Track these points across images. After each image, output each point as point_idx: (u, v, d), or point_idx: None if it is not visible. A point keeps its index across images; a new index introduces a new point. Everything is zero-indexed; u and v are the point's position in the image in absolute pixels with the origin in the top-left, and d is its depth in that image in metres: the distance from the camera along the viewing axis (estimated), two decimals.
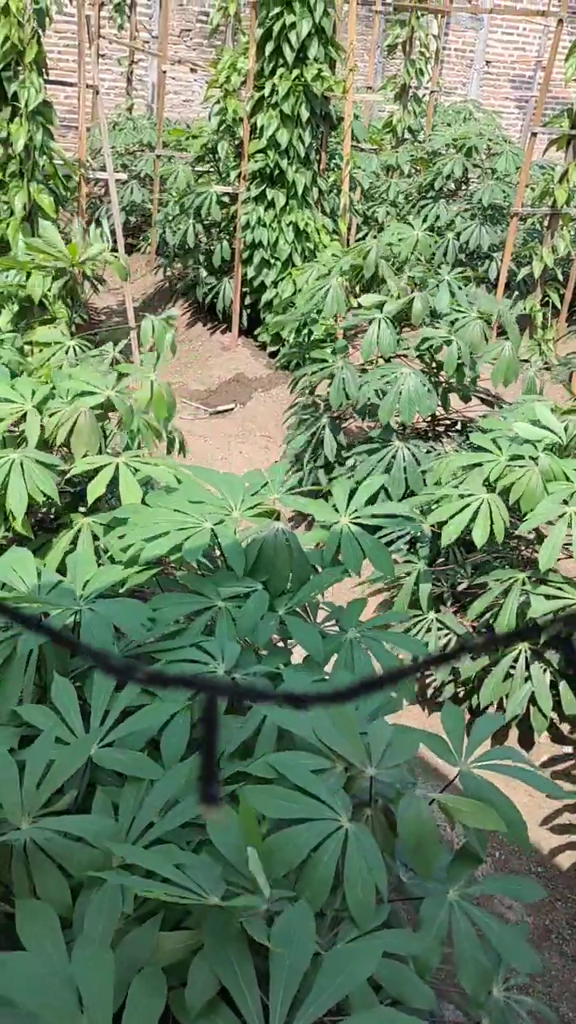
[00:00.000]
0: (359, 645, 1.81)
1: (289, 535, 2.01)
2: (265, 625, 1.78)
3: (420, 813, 1.44)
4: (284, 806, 1.31)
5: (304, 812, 1.32)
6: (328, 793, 1.35)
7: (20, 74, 4.47)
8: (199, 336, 7.08)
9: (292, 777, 1.31)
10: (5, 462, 2.19)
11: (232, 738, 1.48)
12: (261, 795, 1.31)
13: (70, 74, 11.20)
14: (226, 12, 7.41)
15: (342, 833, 1.33)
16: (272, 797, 1.30)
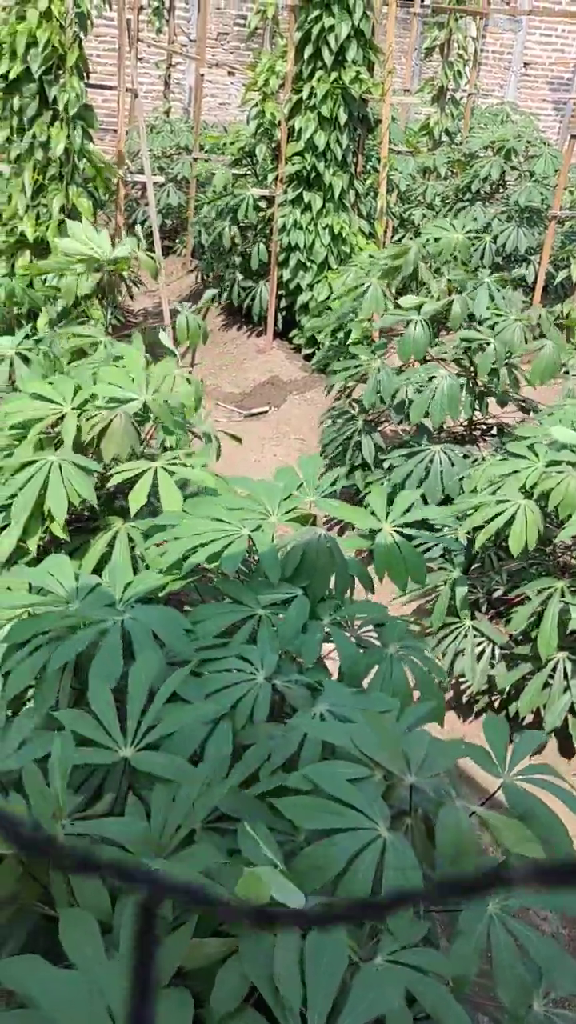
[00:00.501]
0: (399, 662, 1.80)
1: (331, 540, 2.00)
2: (311, 639, 1.76)
3: (460, 824, 1.42)
4: (320, 817, 1.30)
5: (341, 822, 1.31)
6: (366, 802, 1.33)
7: (61, 78, 4.51)
8: (234, 339, 7.09)
9: (328, 787, 1.30)
10: (44, 464, 2.20)
11: (274, 751, 1.46)
12: (296, 806, 1.30)
13: (108, 77, 11.29)
14: (264, 15, 7.42)
15: (380, 843, 1.31)
16: (308, 808, 1.29)
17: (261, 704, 1.57)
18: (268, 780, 1.42)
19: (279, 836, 1.42)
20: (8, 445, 2.28)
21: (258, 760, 1.43)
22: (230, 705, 1.56)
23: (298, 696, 1.61)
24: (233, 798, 1.42)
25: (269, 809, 1.44)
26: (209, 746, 1.51)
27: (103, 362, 2.73)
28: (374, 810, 1.30)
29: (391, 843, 1.31)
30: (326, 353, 5.23)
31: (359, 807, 1.28)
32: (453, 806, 1.46)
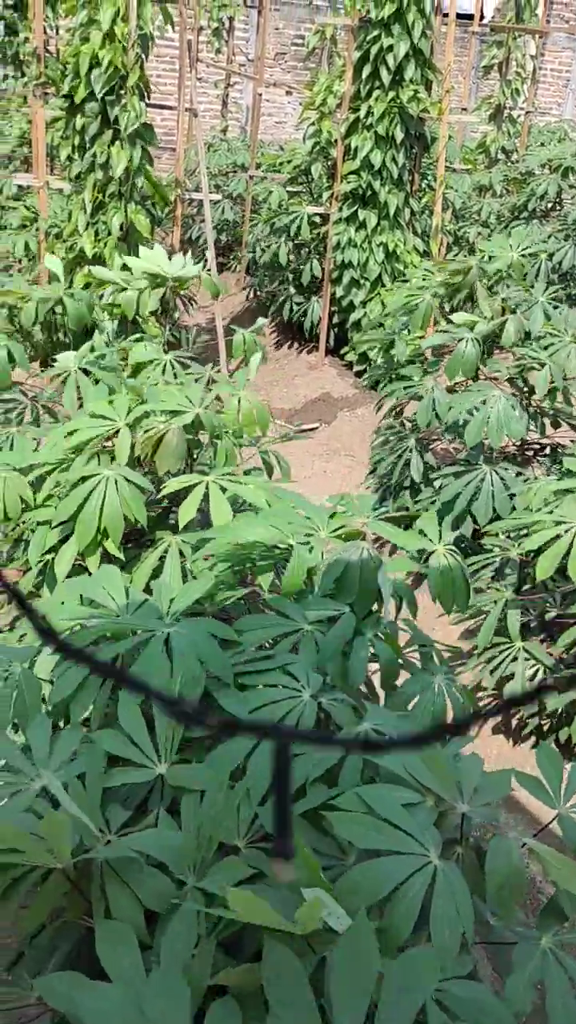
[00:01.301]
0: (443, 692, 1.77)
1: (375, 557, 1.98)
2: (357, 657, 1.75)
3: (510, 856, 1.39)
4: (373, 837, 1.28)
5: (393, 844, 1.29)
6: (418, 828, 1.31)
7: (122, 98, 4.59)
8: (285, 355, 7.12)
9: (381, 810, 1.28)
10: (100, 479, 2.22)
11: (317, 763, 1.45)
12: (350, 823, 1.29)
13: (167, 97, 11.48)
14: (323, 36, 7.48)
15: (431, 869, 1.29)
16: (361, 827, 1.27)
17: (306, 721, 1.56)
18: (314, 797, 1.41)
19: (324, 858, 1.40)
20: (65, 459, 2.31)
21: (302, 777, 1.41)
22: (274, 722, 1.55)
23: (343, 714, 1.59)
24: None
25: (314, 828, 1.43)
26: (251, 762, 1.51)
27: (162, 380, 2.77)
28: (426, 836, 1.28)
29: (442, 870, 1.28)
30: (377, 370, 5.22)
31: (411, 832, 1.26)
32: (505, 837, 1.43)
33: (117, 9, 4.42)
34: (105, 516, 2.20)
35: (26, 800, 1.42)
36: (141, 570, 2.29)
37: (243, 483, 2.32)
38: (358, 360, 6.53)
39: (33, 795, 1.43)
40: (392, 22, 5.72)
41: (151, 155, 4.83)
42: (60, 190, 5.54)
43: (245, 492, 2.27)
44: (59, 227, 5.62)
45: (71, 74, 4.58)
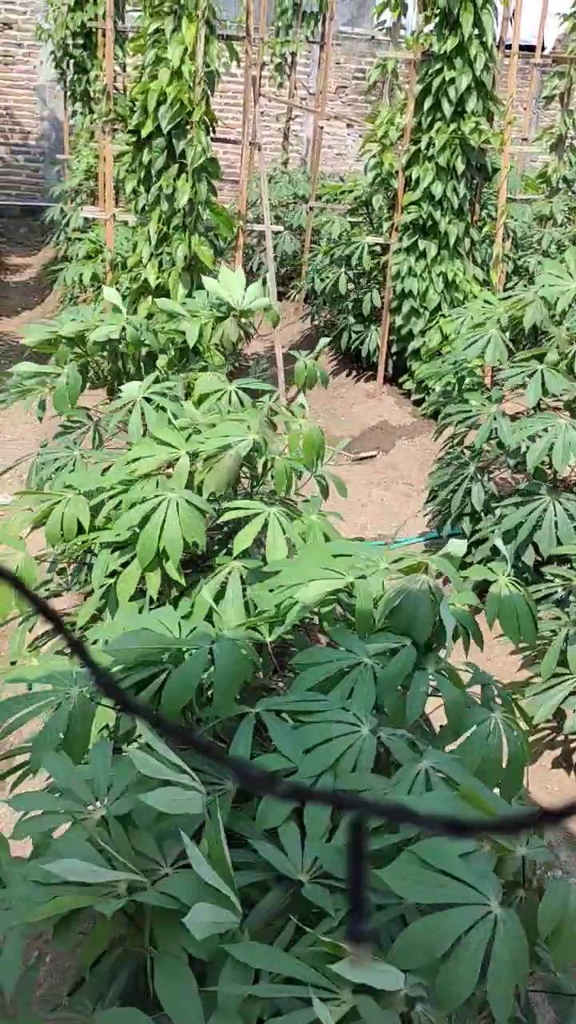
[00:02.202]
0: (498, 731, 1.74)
1: (435, 589, 1.96)
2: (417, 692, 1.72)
3: (566, 899, 1.36)
4: (429, 891, 1.25)
5: (451, 896, 1.26)
6: (476, 877, 1.28)
7: (188, 132, 4.69)
8: (343, 383, 7.14)
9: (437, 862, 1.25)
10: (162, 500, 2.25)
11: None
12: (405, 880, 1.26)
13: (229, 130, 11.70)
14: (384, 69, 7.55)
15: (491, 919, 1.26)
16: (416, 881, 1.25)
17: (365, 757, 1.54)
18: (375, 840, 1.39)
19: (383, 898, 1.38)
20: (124, 482, 2.35)
21: None
22: (332, 760, 1.53)
23: (402, 751, 1.57)
24: (336, 857, 1.39)
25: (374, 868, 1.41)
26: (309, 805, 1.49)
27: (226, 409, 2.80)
28: (485, 885, 1.25)
29: (502, 919, 1.25)
30: (437, 399, 5.20)
31: (470, 882, 1.24)
32: (563, 879, 1.39)
33: (185, 47, 4.52)
34: (165, 535, 2.22)
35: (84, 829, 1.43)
36: (202, 596, 2.30)
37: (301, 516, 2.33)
38: (417, 389, 6.52)
39: (93, 824, 1.43)
40: (454, 55, 5.76)
41: (215, 189, 4.92)
42: (125, 222, 5.67)
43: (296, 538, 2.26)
44: (124, 258, 5.74)
45: (139, 110, 4.70)
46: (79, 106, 8.79)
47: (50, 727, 1.60)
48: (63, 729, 1.59)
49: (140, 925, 1.32)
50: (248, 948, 1.20)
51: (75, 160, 8.52)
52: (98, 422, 3.53)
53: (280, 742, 1.54)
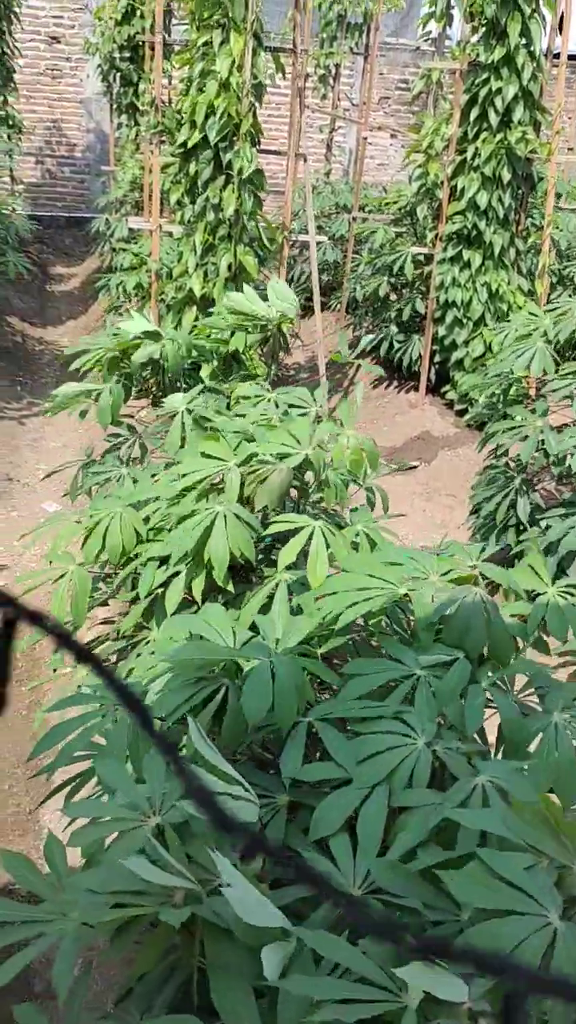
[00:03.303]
0: (564, 730, 1.71)
1: (488, 603, 1.94)
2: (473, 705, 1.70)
3: None
4: (492, 897, 1.24)
5: (512, 904, 1.24)
6: (538, 889, 1.26)
7: (235, 144, 4.72)
8: (384, 393, 7.12)
9: (502, 870, 1.24)
10: (210, 514, 2.26)
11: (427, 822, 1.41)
12: (468, 883, 1.25)
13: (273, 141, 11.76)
14: (429, 80, 7.54)
15: (550, 930, 1.24)
16: (480, 887, 1.23)
17: (421, 770, 1.52)
18: (427, 857, 1.37)
19: (437, 912, 1.36)
20: (176, 497, 2.36)
21: (420, 833, 1.38)
22: (387, 771, 1.52)
23: (459, 765, 1.55)
24: (390, 872, 1.37)
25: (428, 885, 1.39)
26: (364, 811, 1.48)
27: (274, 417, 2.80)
28: (546, 897, 1.23)
29: (563, 932, 1.23)
30: (480, 409, 5.17)
31: (532, 893, 1.22)
32: None
33: (233, 60, 4.56)
34: (212, 548, 2.23)
35: (140, 839, 1.43)
36: (249, 606, 2.30)
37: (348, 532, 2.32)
38: (459, 399, 6.48)
39: (147, 834, 1.43)
40: (501, 65, 5.74)
41: (260, 200, 4.95)
42: (170, 233, 5.72)
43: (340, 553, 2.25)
44: (168, 268, 5.79)
45: (187, 122, 4.74)
46: (125, 118, 8.90)
47: (112, 740, 1.61)
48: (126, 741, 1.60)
49: (194, 933, 1.32)
50: (318, 936, 1.19)
51: (120, 172, 8.63)
52: (142, 435, 3.56)
53: (335, 751, 1.53)
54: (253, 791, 1.51)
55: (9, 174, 9.58)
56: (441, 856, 1.34)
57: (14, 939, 1.33)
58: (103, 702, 1.82)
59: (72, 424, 6.26)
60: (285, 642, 1.90)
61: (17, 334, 8.10)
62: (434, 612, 1.89)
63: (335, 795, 1.46)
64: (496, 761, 1.53)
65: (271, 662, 1.70)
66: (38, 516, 5.07)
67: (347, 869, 1.43)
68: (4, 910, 1.44)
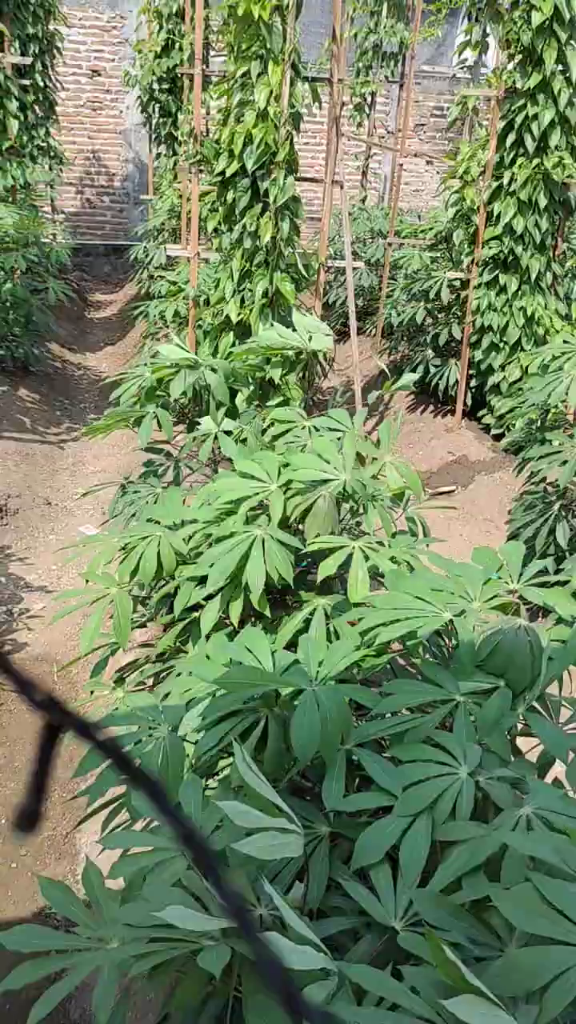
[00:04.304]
0: None
1: (532, 633, 1.91)
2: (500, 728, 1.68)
3: None
4: (541, 922, 1.21)
5: (560, 932, 1.21)
6: None
7: (272, 172, 4.77)
8: (420, 417, 7.10)
9: (554, 897, 1.21)
10: (248, 538, 2.26)
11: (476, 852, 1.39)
12: (517, 905, 1.22)
13: (308, 168, 11.89)
14: (465, 107, 7.58)
15: None
16: (529, 910, 1.20)
17: (464, 801, 1.50)
18: (472, 888, 1.35)
19: (480, 947, 1.33)
20: (216, 518, 2.36)
21: (463, 865, 1.35)
22: (430, 801, 1.50)
23: (503, 794, 1.52)
24: (433, 904, 1.35)
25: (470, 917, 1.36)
26: (405, 843, 1.45)
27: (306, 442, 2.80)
28: None
29: None
30: (518, 435, 5.13)
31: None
32: None
33: (271, 90, 4.62)
34: (249, 572, 2.23)
35: (175, 871, 1.41)
36: (285, 630, 2.29)
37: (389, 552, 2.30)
38: (496, 423, 6.45)
39: (182, 866, 1.41)
40: (537, 91, 5.76)
41: (298, 227, 4.99)
42: (206, 260, 5.79)
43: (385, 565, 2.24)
44: (206, 294, 5.85)
45: (225, 151, 4.81)
46: (163, 148, 9.05)
47: (144, 765, 1.60)
48: (157, 767, 1.59)
49: (232, 965, 1.30)
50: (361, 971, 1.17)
51: (158, 200, 8.76)
52: (178, 460, 3.58)
53: (379, 778, 1.51)
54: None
55: (50, 204, 9.78)
56: (487, 887, 1.31)
57: (52, 970, 1.33)
58: (143, 722, 1.82)
59: (110, 449, 6.32)
60: (326, 667, 1.89)
61: (57, 360, 8.22)
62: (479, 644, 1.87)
63: (377, 825, 1.44)
64: (541, 790, 1.49)
65: (314, 692, 1.69)
66: (76, 539, 5.11)
67: (388, 900, 1.41)
68: (40, 939, 1.43)
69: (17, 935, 1.42)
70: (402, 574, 2.10)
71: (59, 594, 4.29)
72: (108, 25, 11.63)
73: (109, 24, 11.63)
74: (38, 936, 1.44)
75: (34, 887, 2.77)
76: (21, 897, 2.74)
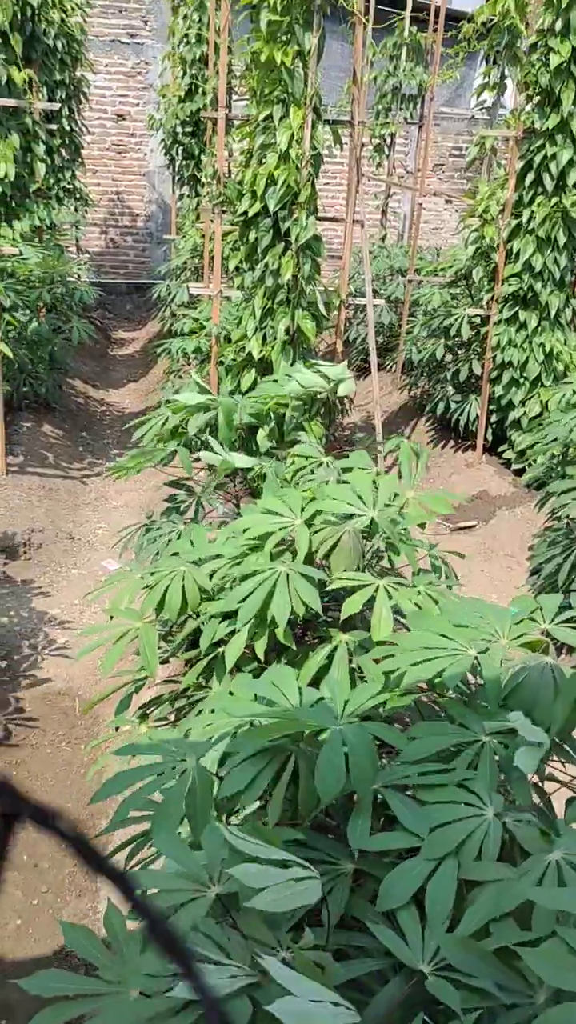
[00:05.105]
0: None
1: (557, 672, 1.90)
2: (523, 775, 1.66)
3: None
4: (570, 978, 1.19)
5: None
6: None
7: (294, 212, 4.85)
8: (441, 453, 7.11)
9: None
10: (273, 574, 2.26)
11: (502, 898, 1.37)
12: (547, 960, 1.20)
13: (329, 208, 12.05)
14: (483, 147, 7.68)
15: None
16: (560, 966, 1.18)
17: (491, 843, 1.48)
18: (501, 935, 1.32)
19: (510, 995, 1.31)
20: (241, 555, 2.37)
21: (491, 911, 1.33)
22: (456, 843, 1.48)
23: (531, 837, 1.51)
24: (461, 950, 1.33)
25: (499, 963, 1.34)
26: (432, 885, 1.43)
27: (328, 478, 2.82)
28: None
29: None
30: (539, 471, 5.13)
31: None
32: None
33: (292, 133, 4.71)
34: (275, 608, 2.23)
35: (198, 913, 1.40)
36: (307, 667, 2.29)
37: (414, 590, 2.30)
38: (516, 458, 6.45)
39: (207, 905, 1.40)
40: (556, 132, 5.83)
41: (319, 266, 5.05)
42: (228, 297, 5.86)
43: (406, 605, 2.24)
44: (228, 331, 5.92)
45: (247, 192, 4.89)
46: (186, 189, 9.22)
47: (170, 799, 1.59)
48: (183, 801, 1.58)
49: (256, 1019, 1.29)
50: None
51: (181, 240, 8.90)
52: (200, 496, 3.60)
53: (405, 819, 1.50)
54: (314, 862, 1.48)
55: (75, 244, 9.96)
56: (515, 935, 1.29)
57: (72, 1015, 1.32)
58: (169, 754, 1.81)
59: (132, 484, 6.37)
60: (352, 705, 1.88)
61: (80, 396, 8.32)
62: (504, 682, 1.85)
63: (403, 867, 1.43)
64: (570, 834, 1.48)
65: (341, 731, 1.68)
66: (98, 574, 5.14)
67: (415, 944, 1.39)
68: (61, 984, 1.42)
69: (38, 980, 1.41)
70: (424, 614, 2.09)
71: (84, 629, 4.30)
72: (133, 71, 11.92)
73: (134, 70, 11.91)
74: (59, 980, 1.43)
75: (55, 924, 2.75)
76: (42, 935, 2.72)
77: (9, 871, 2.92)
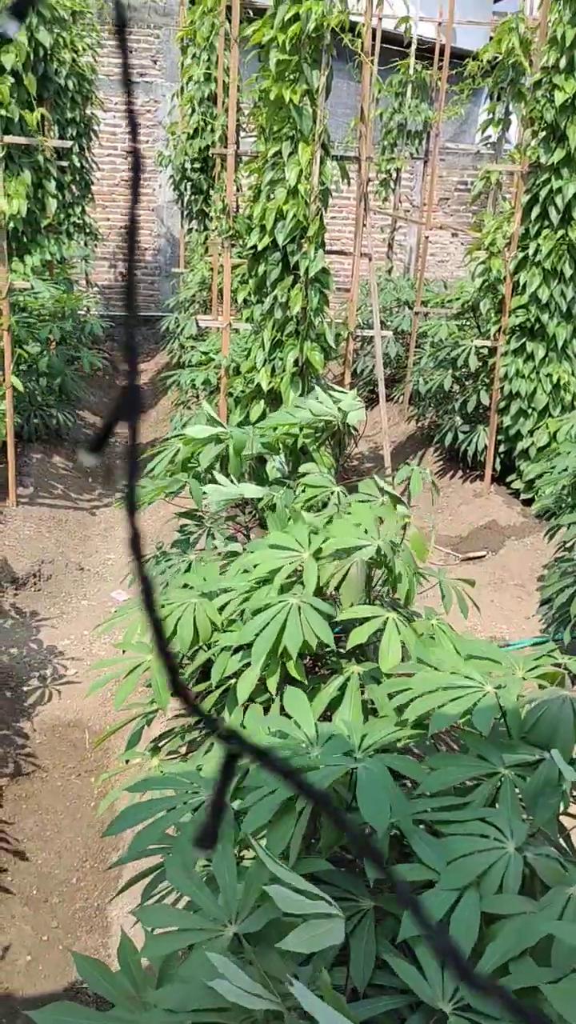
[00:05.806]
0: None
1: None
2: (546, 802, 1.65)
3: None
4: None
5: None
6: None
7: (302, 246, 4.90)
8: (449, 483, 7.12)
9: None
10: (285, 607, 2.26)
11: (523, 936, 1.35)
12: (567, 1000, 1.18)
13: (335, 241, 12.19)
14: (488, 181, 7.78)
15: None
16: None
17: (512, 877, 1.46)
18: (520, 975, 1.31)
19: None
20: (250, 589, 2.37)
21: (511, 949, 1.32)
22: (476, 874, 1.47)
23: (551, 871, 1.49)
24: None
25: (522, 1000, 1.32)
26: (455, 922, 1.42)
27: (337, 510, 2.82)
28: None
29: None
30: (548, 501, 5.13)
31: None
32: None
33: (301, 169, 4.78)
34: (287, 639, 2.23)
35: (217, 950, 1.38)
36: (319, 699, 2.28)
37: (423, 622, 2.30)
38: (525, 488, 6.45)
39: (224, 945, 1.38)
40: (561, 166, 5.90)
41: (327, 298, 5.10)
42: (236, 330, 5.92)
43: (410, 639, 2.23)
44: (237, 363, 5.96)
45: (256, 226, 4.95)
46: (195, 224, 9.33)
47: (186, 834, 1.58)
48: None
49: None
50: None
51: (189, 273, 9.00)
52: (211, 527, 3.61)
53: (423, 853, 1.48)
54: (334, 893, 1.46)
55: (85, 277, 10.07)
56: (536, 973, 1.27)
57: None
58: (181, 788, 1.80)
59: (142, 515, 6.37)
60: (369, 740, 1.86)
61: (90, 427, 8.36)
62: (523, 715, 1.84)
63: (424, 896, 1.41)
64: None
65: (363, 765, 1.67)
66: (108, 605, 5.13)
67: (435, 981, 1.37)
68: (72, 1017, 1.40)
69: (50, 1013, 1.40)
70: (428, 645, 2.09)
71: (94, 663, 4.29)
72: (143, 109, 12.12)
73: (143, 108, 12.12)
74: (70, 1014, 1.41)
75: (65, 960, 2.71)
76: (52, 971, 2.69)
77: (19, 905, 2.89)
